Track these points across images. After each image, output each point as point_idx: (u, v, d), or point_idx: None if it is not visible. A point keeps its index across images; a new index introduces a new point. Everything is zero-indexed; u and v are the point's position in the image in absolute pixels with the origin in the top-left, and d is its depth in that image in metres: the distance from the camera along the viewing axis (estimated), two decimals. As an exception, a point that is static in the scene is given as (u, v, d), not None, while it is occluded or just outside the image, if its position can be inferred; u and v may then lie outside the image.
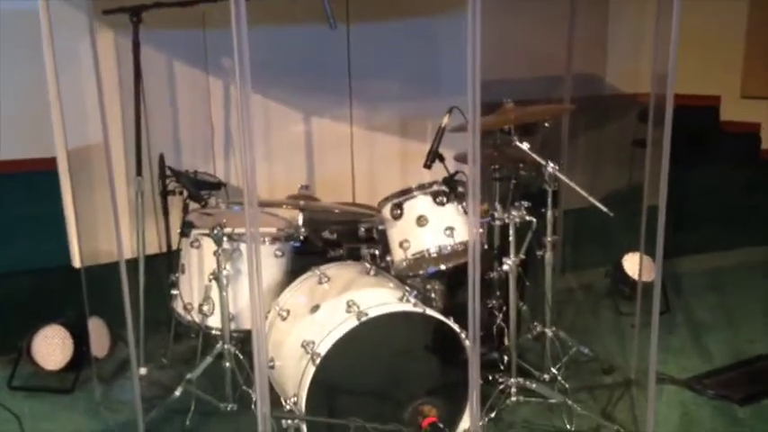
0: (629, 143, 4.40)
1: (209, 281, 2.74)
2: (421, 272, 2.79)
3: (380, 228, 2.82)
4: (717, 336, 3.43)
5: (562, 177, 2.76)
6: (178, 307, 2.88)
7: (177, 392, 2.72)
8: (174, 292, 2.89)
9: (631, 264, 3.63)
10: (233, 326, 2.74)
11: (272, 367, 2.48)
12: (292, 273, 2.90)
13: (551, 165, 2.75)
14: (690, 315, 3.64)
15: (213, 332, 2.79)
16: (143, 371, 3.05)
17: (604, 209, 2.71)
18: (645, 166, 2.81)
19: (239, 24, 1.78)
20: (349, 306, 2.39)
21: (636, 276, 3.37)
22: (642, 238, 2.81)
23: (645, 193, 2.81)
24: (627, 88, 5.12)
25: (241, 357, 2.73)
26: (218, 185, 3.33)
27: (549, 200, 2.84)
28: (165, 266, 3.21)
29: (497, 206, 2.82)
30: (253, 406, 2.50)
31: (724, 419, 2.75)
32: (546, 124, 3.22)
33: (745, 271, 4.20)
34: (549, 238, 2.89)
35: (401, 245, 2.70)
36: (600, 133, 4.85)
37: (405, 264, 2.71)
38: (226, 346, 2.72)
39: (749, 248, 4.41)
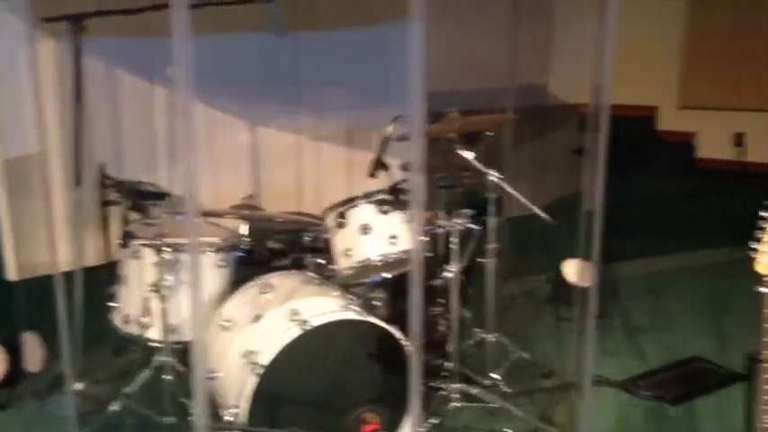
0: (570, 152, 4.50)
1: (150, 292, 2.71)
2: (365, 280, 2.81)
3: (325, 237, 2.83)
4: (652, 338, 3.53)
5: (504, 186, 2.82)
6: (117, 319, 2.84)
7: (114, 407, 2.68)
8: (114, 304, 2.85)
9: (571, 269, 3.71)
10: (174, 337, 2.71)
11: (214, 378, 2.47)
12: (236, 283, 2.88)
13: (494, 173, 2.81)
14: (627, 318, 3.74)
15: (153, 344, 2.76)
16: (79, 386, 2.99)
17: (544, 216, 2.78)
18: (585, 174, 2.88)
19: (181, 32, 1.77)
20: (292, 315, 2.40)
21: (575, 282, 3.46)
22: (581, 244, 2.88)
23: (584, 200, 2.88)
24: (569, 98, 5.25)
25: (181, 369, 2.71)
26: (161, 195, 3.29)
27: (492, 208, 2.89)
28: (104, 278, 3.15)
29: (441, 214, 2.86)
30: (192, 418, 2.48)
31: (656, 419, 2.85)
32: (489, 133, 3.28)
33: (680, 275, 4.32)
34: (491, 246, 2.95)
35: (345, 253, 2.72)
36: (543, 142, 4.97)
37: (349, 272, 2.73)
38: (165, 359, 2.69)
39: (684, 253, 4.55)
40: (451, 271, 2.81)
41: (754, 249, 1.71)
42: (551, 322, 3.69)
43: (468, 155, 2.85)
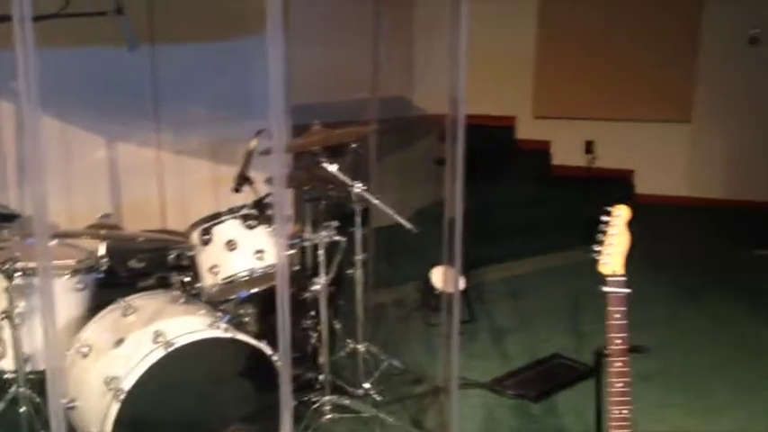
0: (432, 162, 4.64)
1: (1, 320, 2.54)
2: (232, 296, 2.77)
3: (190, 254, 2.77)
4: (516, 338, 3.69)
5: (368, 197, 2.86)
6: (-35, 351, 2.64)
7: (-35, 445, 2.50)
8: (-40, 334, 2.65)
9: (437, 276, 3.82)
10: (28, 367, 2.56)
11: (73, 408, 2.34)
12: (98, 306, 2.76)
13: (358, 185, 2.85)
14: (492, 321, 3.90)
15: (6, 375, 2.59)
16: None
17: (407, 225, 2.85)
18: (446, 183, 2.97)
19: (25, 45, 1.69)
20: (156, 336, 2.32)
21: (442, 288, 3.57)
22: (445, 251, 2.97)
23: (446, 208, 2.98)
24: (432, 109, 5.39)
25: (38, 401, 2.55)
26: (10, 217, 3.10)
27: (358, 219, 2.94)
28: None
29: (308, 227, 2.87)
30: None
31: (521, 417, 2.98)
32: (354, 145, 3.32)
33: (540, 277, 4.57)
34: (358, 257, 2.99)
35: (211, 270, 2.67)
36: (407, 153, 5.08)
37: (215, 289, 2.68)
38: (20, 390, 2.53)
39: (542, 256, 4.80)
40: (320, 283, 2.82)
41: (597, 252, 1.83)
42: (421, 329, 3.79)
43: (333, 167, 2.88)
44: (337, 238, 2.84)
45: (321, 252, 2.81)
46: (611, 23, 5.78)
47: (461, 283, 3.52)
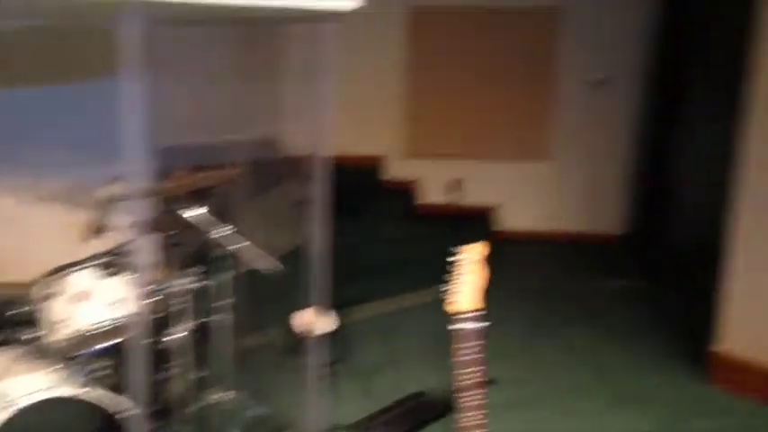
0: (299, 203, 4.65)
1: None
2: (87, 350, 2.65)
3: (39, 307, 2.63)
4: (385, 377, 3.73)
5: (226, 242, 2.84)
6: None
7: None
8: None
9: (303, 319, 3.80)
10: None
11: None
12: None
13: (223, 228, 2.82)
14: (361, 361, 3.92)
15: None
16: None
17: (270, 266, 2.85)
18: (310, 224, 3.00)
19: None
20: (-2, 398, 2.19)
21: (308, 331, 3.56)
22: (312, 292, 2.98)
23: (311, 250, 3.00)
24: (301, 151, 5.43)
25: None
26: None
27: (226, 263, 2.90)
28: None
29: (172, 273, 2.81)
30: None
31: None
32: (220, 188, 3.29)
33: (407, 314, 4.64)
34: (225, 302, 2.95)
35: (62, 324, 2.55)
36: (274, 195, 5.09)
37: (67, 343, 2.55)
38: None
39: (408, 294, 4.88)
40: (183, 330, 2.76)
41: (444, 291, 1.89)
42: (289, 373, 3.75)
43: (193, 212, 2.84)
44: (203, 283, 2.80)
45: (186, 298, 2.75)
46: (476, 69, 6.06)
47: (333, 323, 3.54)
